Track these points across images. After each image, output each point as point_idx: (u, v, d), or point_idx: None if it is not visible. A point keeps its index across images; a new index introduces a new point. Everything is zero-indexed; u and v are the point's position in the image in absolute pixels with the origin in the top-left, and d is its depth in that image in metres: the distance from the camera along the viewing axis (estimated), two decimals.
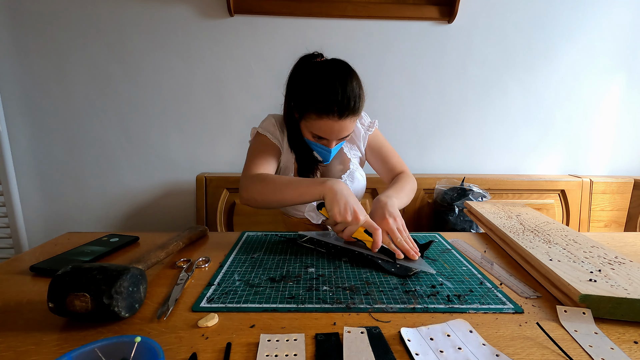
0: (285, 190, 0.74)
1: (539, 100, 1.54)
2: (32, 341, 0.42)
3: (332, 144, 0.82)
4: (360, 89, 0.78)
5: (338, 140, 0.83)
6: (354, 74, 0.79)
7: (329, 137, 0.81)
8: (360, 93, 0.78)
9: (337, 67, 0.79)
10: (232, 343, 0.42)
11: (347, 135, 0.82)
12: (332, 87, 0.75)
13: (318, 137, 0.82)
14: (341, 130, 0.79)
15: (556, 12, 1.45)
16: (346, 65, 0.80)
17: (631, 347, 0.42)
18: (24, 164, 1.49)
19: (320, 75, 0.78)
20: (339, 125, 0.77)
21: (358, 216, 0.66)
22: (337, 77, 0.76)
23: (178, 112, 1.49)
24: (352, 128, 0.81)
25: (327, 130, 0.79)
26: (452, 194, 1.36)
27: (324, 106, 0.75)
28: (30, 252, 0.71)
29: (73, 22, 1.38)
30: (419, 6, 1.41)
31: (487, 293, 0.54)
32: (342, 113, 0.75)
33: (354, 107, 0.76)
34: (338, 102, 0.74)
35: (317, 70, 0.79)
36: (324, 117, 0.76)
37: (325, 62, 0.81)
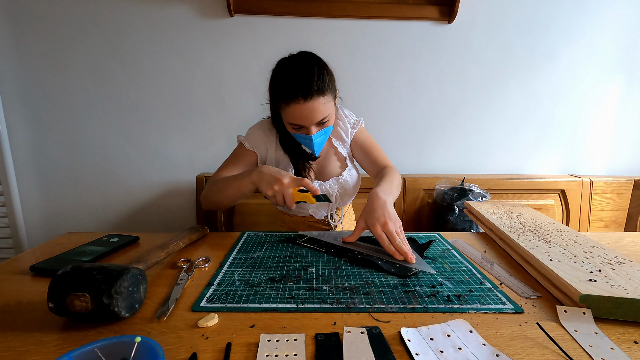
0: (226, 188, 0.82)
1: (539, 100, 1.54)
2: (32, 341, 0.42)
3: (311, 130, 0.83)
4: (322, 71, 0.81)
5: (317, 126, 0.84)
6: (314, 60, 0.83)
7: (303, 123, 0.82)
8: (322, 74, 0.81)
9: (297, 56, 0.84)
10: (232, 343, 0.42)
11: (323, 118, 0.82)
12: (292, 73, 0.80)
13: (296, 126, 0.84)
14: (312, 112, 0.80)
15: (556, 12, 1.45)
16: (307, 54, 0.85)
17: (631, 347, 0.42)
18: (24, 164, 1.49)
19: (282, 67, 0.84)
20: (307, 107, 0.79)
21: (282, 180, 0.72)
22: (296, 64, 0.82)
23: (178, 112, 1.49)
24: (327, 110, 0.82)
25: (298, 115, 0.81)
26: (452, 194, 1.36)
27: (287, 92, 0.79)
28: (30, 252, 0.71)
29: (73, 22, 1.38)
30: (419, 6, 1.41)
31: (487, 293, 0.54)
32: (305, 94, 0.78)
33: (317, 87, 0.79)
34: (299, 85, 0.78)
35: (280, 65, 0.85)
36: (291, 103, 0.79)
37: (291, 56, 0.85)
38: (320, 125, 0.85)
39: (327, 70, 0.83)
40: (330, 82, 0.83)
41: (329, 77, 0.83)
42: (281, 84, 0.81)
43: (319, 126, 0.85)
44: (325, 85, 0.81)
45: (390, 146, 1.55)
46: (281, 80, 0.82)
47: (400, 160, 1.56)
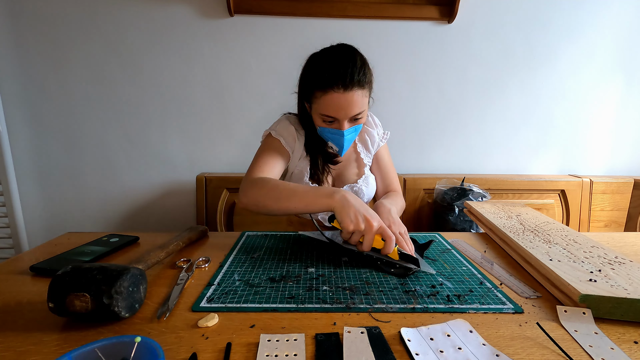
0: (291, 200, 0.70)
1: (539, 100, 1.54)
2: (32, 341, 0.42)
3: (343, 124, 0.80)
4: (364, 64, 0.79)
5: (350, 122, 0.81)
6: (356, 52, 0.81)
7: (337, 115, 0.78)
8: (364, 67, 0.78)
9: (338, 47, 0.82)
10: (232, 343, 0.42)
11: (358, 113, 0.79)
12: (333, 61, 0.77)
13: (329, 120, 0.80)
14: (349, 105, 0.77)
15: (556, 12, 1.45)
16: (349, 46, 0.82)
17: (631, 347, 0.42)
18: (24, 164, 1.49)
19: (323, 56, 0.81)
20: (345, 98, 0.76)
21: (371, 222, 0.62)
22: (339, 53, 0.79)
23: (178, 112, 1.49)
24: (364, 105, 0.80)
25: (334, 106, 0.78)
26: (452, 194, 1.36)
27: (327, 79, 0.76)
28: (30, 252, 0.71)
29: (73, 22, 1.38)
30: (419, 6, 1.41)
31: (487, 293, 0.54)
32: (346, 84, 0.75)
33: (359, 79, 0.76)
34: (341, 73, 0.75)
35: (320, 54, 0.82)
36: (329, 91, 0.76)
37: (333, 46, 0.83)
38: (353, 122, 0.82)
39: (368, 65, 0.81)
40: (370, 77, 0.81)
41: (369, 72, 0.81)
42: (321, 70, 0.78)
43: (352, 122, 0.82)
44: (366, 79, 0.79)
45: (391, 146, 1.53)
46: (321, 66, 0.78)
47: (400, 160, 1.56)
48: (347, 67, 0.76)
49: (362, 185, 0.93)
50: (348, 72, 0.75)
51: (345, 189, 0.73)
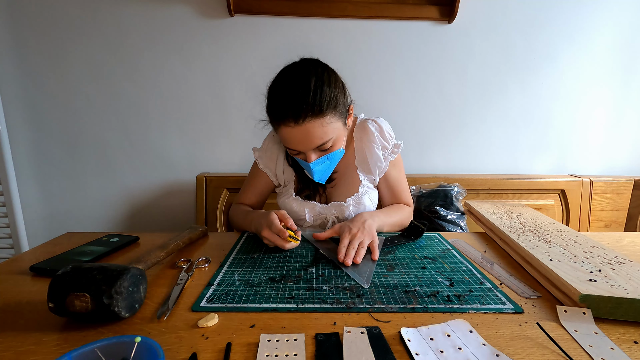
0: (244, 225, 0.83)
1: (539, 100, 1.54)
2: (32, 341, 0.42)
3: (309, 156, 0.73)
4: (323, 85, 0.69)
5: (317, 153, 0.73)
6: (313, 72, 0.70)
7: (298, 149, 0.73)
8: (321, 90, 0.68)
9: (295, 69, 0.72)
10: (232, 343, 0.42)
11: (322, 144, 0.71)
12: (282, 91, 0.69)
13: (293, 152, 0.75)
14: (306, 137, 0.69)
15: (556, 12, 1.45)
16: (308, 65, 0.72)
17: (631, 347, 0.42)
18: (24, 164, 1.49)
19: (277, 82, 0.73)
20: (299, 132, 0.69)
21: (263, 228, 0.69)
22: (289, 77, 0.70)
23: (178, 112, 1.49)
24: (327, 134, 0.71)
25: (291, 139, 0.71)
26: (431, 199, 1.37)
27: (278, 113, 0.70)
28: (30, 252, 0.71)
29: (73, 22, 1.38)
30: (419, 6, 1.41)
31: (487, 293, 0.54)
32: (296, 116, 0.67)
33: (312, 107, 0.67)
34: (289, 104, 0.67)
35: (274, 80, 0.74)
36: (282, 126, 0.70)
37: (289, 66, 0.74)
38: (322, 152, 0.74)
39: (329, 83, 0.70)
40: (333, 100, 0.70)
41: (333, 92, 0.69)
42: (271, 101, 0.71)
43: (320, 152, 0.74)
44: (325, 104, 0.68)
45: None
46: (272, 96, 0.72)
47: None
48: (295, 96, 0.67)
49: (352, 204, 0.85)
50: (297, 102, 0.67)
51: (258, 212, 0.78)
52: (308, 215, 0.87)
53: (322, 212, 0.87)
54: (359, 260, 0.64)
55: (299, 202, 0.88)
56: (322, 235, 0.74)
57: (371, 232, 0.70)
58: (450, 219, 1.36)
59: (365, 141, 0.87)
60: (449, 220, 1.36)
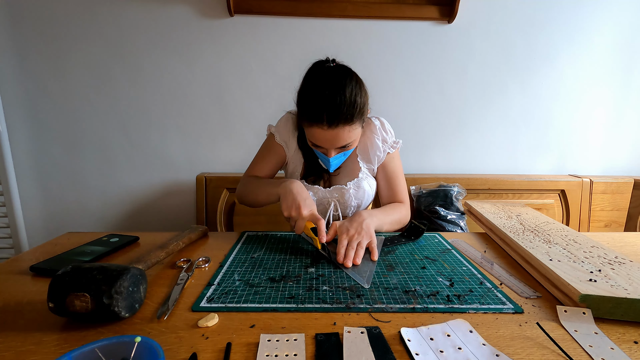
0: (257, 192, 0.86)
1: (539, 100, 1.54)
2: (32, 341, 0.42)
3: (330, 152, 0.80)
4: (356, 96, 0.75)
5: (337, 150, 0.81)
6: (349, 81, 0.76)
7: (323, 146, 0.79)
8: (355, 100, 0.75)
9: (332, 74, 0.77)
10: (232, 343, 0.42)
11: (345, 144, 0.79)
12: (320, 96, 0.74)
13: (316, 145, 0.81)
14: (335, 139, 0.77)
15: (556, 12, 1.45)
16: (344, 72, 0.78)
17: (631, 347, 0.42)
18: (24, 164, 1.49)
19: (314, 83, 0.77)
20: (330, 134, 0.76)
21: (301, 210, 0.71)
22: (328, 85, 0.75)
23: (178, 112, 1.49)
24: (351, 138, 0.78)
25: (319, 138, 0.78)
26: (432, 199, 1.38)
27: (312, 114, 0.75)
28: (30, 252, 0.71)
29: (73, 22, 1.38)
30: (419, 6, 1.41)
31: (487, 293, 0.54)
32: (331, 122, 0.74)
33: (346, 116, 0.74)
34: (326, 110, 0.73)
35: (313, 78, 0.78)
36: (314, 126, 0.76)
37: (325, 69, 0.79)
38: (342, 149, 0.81)
39: (361, 94, 0.77)
40: (362, 108, 0.77)
41: (362, 100, 0.77)
42: (308, 102, 0.76)
43: (340, 149, 0.81)
44: (356, 113, 0.75)
45: None
46: (308, 97, 0.76)
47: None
48: (333, 103, 0.73)
49: (352, 187, 0.91)
50: (334, 108, 0.73)
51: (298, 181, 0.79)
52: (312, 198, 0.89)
53: (325, 196, 0.91)
54: (358, 261, 0.64)
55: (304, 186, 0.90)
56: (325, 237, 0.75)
57: (369, 232, 0.71)
58: (450, 219, 1.36)
59: (367, 133, 0.93)
60: (449, 220, 1.36)
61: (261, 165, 0.95)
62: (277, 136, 0.93)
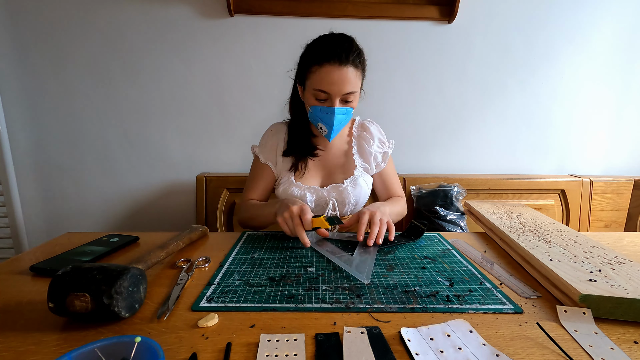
0: (258, 217, 0.87)
1: (539, 100, 1.54)
2: (32, 341, 0.42)
3: (335, 101, 0.82)
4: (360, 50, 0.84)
5: (341, 103, 0.84)
6: (354, 39, 0.85)
7: (331, 90, 0.81)
8: (360, 52, 0.83)
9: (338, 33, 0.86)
10: (232, 343, 0.42)
11: (350, 92, 0.82)
12: (331, 40, 0.82)
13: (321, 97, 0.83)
14: (343, 80, 0.80)
15: (556, 12, 1.45)
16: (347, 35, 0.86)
17: (631, 347, 0.42)
18: (24, 164, 1.49)
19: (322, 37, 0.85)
20: (339, 73, 0.79)
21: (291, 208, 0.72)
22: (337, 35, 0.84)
23: (178, 112, 1.49)
24: (356, 86, 0.83)
25: (328, 79, 0.80)
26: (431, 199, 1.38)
27: (324, 53, 0.80)
28: (30, 252, 0.71)
29: (73, 22, 1.38)
30: (419, 6, 1.41)
31: (487, 293, 0.54)
32: (341, 59, 0.79)
33: (354, 59, 0.80)
34: (337, 50, 0.79)
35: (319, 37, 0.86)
36: (325, 65, 0.80)
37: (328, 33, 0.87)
38: (345, 103, 0.85)
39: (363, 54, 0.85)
40: (364, 65, 0.85)
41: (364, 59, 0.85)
42: (319, 47, 0.82)
43: (343, 103, 0.85)
44: (360, 61, 0.83)
45: None
46: (320, 43, 0.83)
47: (400, 160, 1.56)
48: (343, 46, 0.80)
49: (349, 185, 0.93)
50: (344, 50, 0.80)
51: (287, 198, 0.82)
52: (309, 198, 0.91)
53: (322, 196, 0.93)
54: (380, 241, 0.70)
55: (300, 187, 0.92)
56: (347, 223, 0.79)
57: (387, 214, 0.77)
58: (450, 219, 1.36)
59: (364, 136, 0.99)
60: (449, 220, 1.36)
61: (254, 189, 0.97)
62: (261, 157, 0.96)
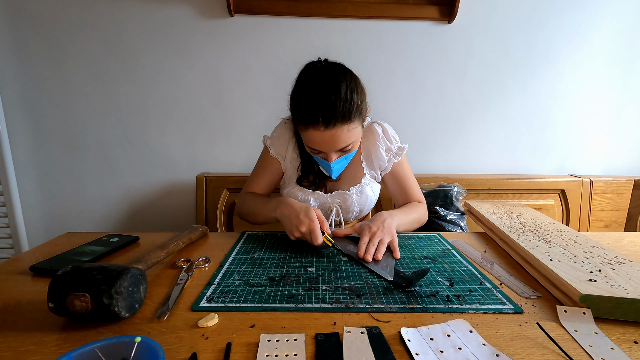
0: (257, 213, 0.84)
1: (539, 100, 1.54)
2: (32, 341, 0.42)
3: (330, 157, 0.77)
4: (352, 92, 0.72)
5: (338, 154, 0.78)
6: (343, 78, 0.73)
7: (322, 150, 0.76)
8: (351, 97, 0.71)
9: (324, 73, 0.74)
10: (232, 343, 0.42)
11: (346, 146, 0.76)
12: (313, 95, 0.71)
13: (315, 152, 0.79)
14: (333, 141, 0.73)
15: (556, 12, 1.45)
16: (337, 70, 0.75)
17: (631, 347, 0.42)
18: (24, 164, 1.49)
19: (306, 84, 0.74)
20: (328, 135, 0.72)
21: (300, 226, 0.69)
22: (321, 84, 0.72)
23: (178, 112, 1.49)
24: (351, 138, 0.75)
25: (317, 142, 0.74)
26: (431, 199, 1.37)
27: (307, 116, 0.72)
28: (30, 252, 0.71)
29: (73, 22, 1.38)
30: (419, 6, 1.41)
31: (487, 293, 0.54)
32: (327, 121, 0.70)
33: (343, 113, 0.70)
34: (321, 109, 0.70)
35: (305, 80, 0.76)
36: (310, 128, 0.73)
37: (317, 68, 0.76)
38: (342, 152, 0.78)
39: (357, 90, 0.73)
40: (360, 106, 0.74)
41: (359, 97, 0.74)
42: (301, 103, 0.73)
43: (341, 152, 0.78)
44: (353, 111, 0.72)
45: None
46: (302, 99, 0.73)
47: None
48: (327, 102, 0.70)
49: (354, 193, 0.90)
50: (329, 107, 0.70)
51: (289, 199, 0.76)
52: (313, 204, 0.89)
53: (327, 202, 0.90)
54: (379, 257, 0.65)
55: (304, 192, 0.90)
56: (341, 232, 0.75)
57: (391, 231, 0.70)
58: (450, 219, 1.36)
59: (370, 140, 0.91)
60: (449, 220, 1.36)
61: (259, 181, 0.93)
62: (272, 150, 0.91)
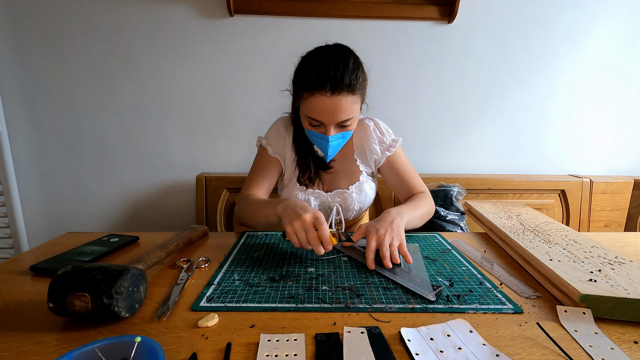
0: (257, 215, 0.78)
1: (539, 100, 1.54)
2: (32, 341, 0.42)
3: (329, 130, 0.77)
4: (358, 67, 0.75)
5: (337, 128, 0.78)
6: (350, 53, 0.77)
7: (323, 119, 0.75)
8: (357, 71, 0.74)
9: (333, 46, 0.79)
10: (232, 343, 0.42)
11: (345, 119, 0.76)
12: (323, 61, 0.74)
13: (315, 124, 0.78)
14: (336, 110, 0.74)
15: (556, 12, 1.45)
16: (344, 46, 0.79)
17: (631, 347, 0.42)
18: (24, 164, 1.49)
19: (315, 55, 0.78)
20: (332, 102, 0.73)
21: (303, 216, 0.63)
22: (330, 54, 0.76)
23: (178, 112, 1.49)
24: (352, 112, 0.76)
25: (320, 108, 0.74)
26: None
27: (315, 80, 0.73)
28: (30, 252, 0.71)
29: (73, 22, 1.38)
30: (419, 6, 1.41)
31: (487, 293, 0.54)
32: (334, 87, 0.72)
33: (349, 82, 0.72)
34: (330, 74, 0.71)
35: (312, 53, 0.79)
36: (316, 93, 0.73)
37: (324, 46, 0.80)
38: (341, 128, 0.78)
39: (362, 69, 0.77)
40: (363, 83, 0.77)
41: (363, 76, 0.77)
42: (310, 69, 0.74)
43: (339, 128, 0.78)
44: (358, 83, 0.74)
45: None
46: (310, 65, 0.75)
47: None
48: (337, 69, 0.72)
49: (354, 191, 0.90)
50: (338, 74, 0.72)
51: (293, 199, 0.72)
52: (313, 203, 0.89)
53: (326, 201, 0.90)
54: (398, 260, 0.62)
55: (304, 192, 0.89)
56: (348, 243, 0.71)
57: (399, 234, 0.66)
58: (450, 219, 1.36)
59: (362, 136, 0.92)
60: (449, 220, 1.36)
61: (258, 183, 0.89)
62: (269, 149, 0.90)
